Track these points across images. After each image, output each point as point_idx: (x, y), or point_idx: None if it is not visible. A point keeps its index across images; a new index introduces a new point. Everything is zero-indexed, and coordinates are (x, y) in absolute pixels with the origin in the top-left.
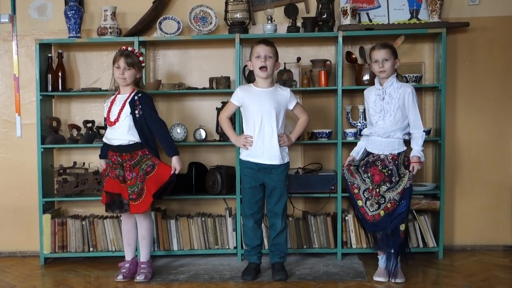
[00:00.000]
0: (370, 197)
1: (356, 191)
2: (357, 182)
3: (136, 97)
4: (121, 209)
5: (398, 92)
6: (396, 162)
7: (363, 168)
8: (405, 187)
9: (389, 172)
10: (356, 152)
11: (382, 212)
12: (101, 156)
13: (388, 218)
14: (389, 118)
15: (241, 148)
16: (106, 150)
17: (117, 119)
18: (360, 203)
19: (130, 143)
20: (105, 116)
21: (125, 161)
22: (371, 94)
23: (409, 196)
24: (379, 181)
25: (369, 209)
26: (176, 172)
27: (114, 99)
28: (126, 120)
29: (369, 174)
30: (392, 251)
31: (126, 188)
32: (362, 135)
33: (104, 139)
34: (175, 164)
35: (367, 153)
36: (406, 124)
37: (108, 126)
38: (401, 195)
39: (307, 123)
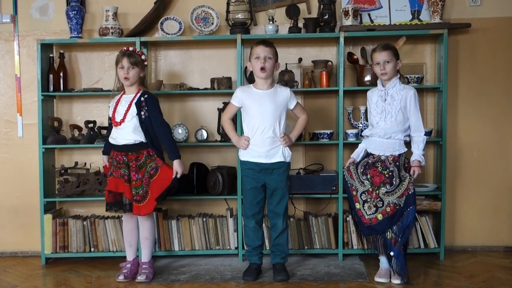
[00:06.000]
0: (368, 200)
1: (354, 193)
2: (355, 184)
3: (142, 98)
4: (123, 209)
5: (400, 93)
6: (397, 164)
7: (361, 170)
8: (409, 192)
9: (390, 173)
10: (357, 154)
11: (379, 216)
12: (104, 152)
13: (387, 222)
14: (390, 119)
15: (240, 149)
16: (109, 147)
17: (123, 120)
18: (357, 205)
19: (136, 142)
20: (110, 116)
21: (131, 161)
22: (373, 95)
23: (414, 201)
24: (378, 183)
25: (366, 212)
26: (178, 176)
27: (119, 99)
28: (132, 120)
29: (368, 176)
30: (392, 253)
31: (130, 188)
32: (363, 136)
33: (110, 139)
34: (177, 167)
35: (366, 154)
36: (407, 126)
37: (113, 126)
38: (406, 201)
39: (307, 122)
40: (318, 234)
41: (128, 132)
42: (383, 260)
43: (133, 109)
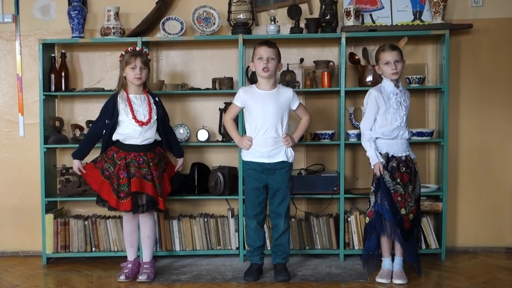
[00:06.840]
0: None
1: (399, 199)
2: (397, 189)
3: (157, 99)
4: (137, 210)
5: (405, 94)
6: (410, 161)
7: (390, 175)
8: (420, 185)
9: (411, 171)
10: (380, 156)
11: (411, 216)
12: (78, 156)
13: (418, 218)
14: (406, 120)
15: (243, 149)
16: (87, 151)
17: (149, 120)
18: (403, 211)
19: (153, 141)
20: (128, 116)
21: (151, 160)
22: (388, 96)
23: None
24: (405, 183)
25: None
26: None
27: (128, 99)
28: (156, 120)
29: (398, 180)
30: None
31: (154, 186)
32: (372, 138)
33: (124, 138)
34: (181, 163)
35: (388, 158)
36: None
37: (139, 126)
38: (418, 198)
39: (309, 123)
40: (319, 234)
41: (152, 132)
42: (385, 261)
43: (155, 108)
